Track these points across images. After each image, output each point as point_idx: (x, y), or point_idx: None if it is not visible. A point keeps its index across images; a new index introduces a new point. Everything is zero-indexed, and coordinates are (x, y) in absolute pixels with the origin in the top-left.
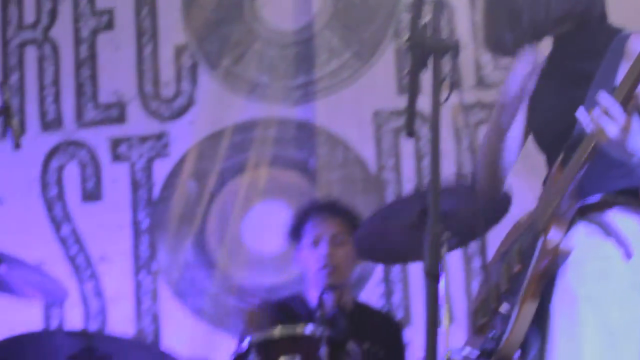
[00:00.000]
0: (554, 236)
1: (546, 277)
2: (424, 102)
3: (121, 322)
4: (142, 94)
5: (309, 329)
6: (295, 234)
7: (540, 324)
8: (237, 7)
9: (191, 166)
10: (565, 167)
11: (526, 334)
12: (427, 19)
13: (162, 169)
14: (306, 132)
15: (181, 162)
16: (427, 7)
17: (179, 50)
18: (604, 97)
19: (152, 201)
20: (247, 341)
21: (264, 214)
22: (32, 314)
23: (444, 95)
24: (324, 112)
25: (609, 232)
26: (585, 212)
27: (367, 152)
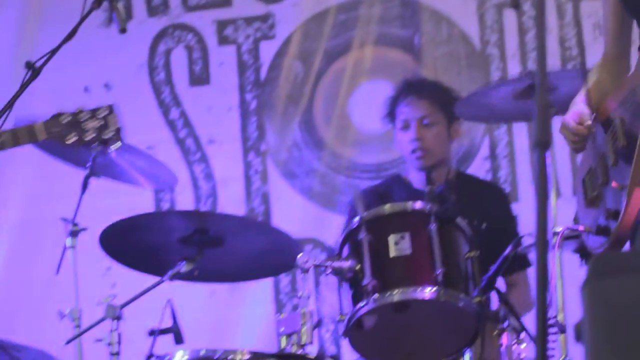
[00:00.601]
0: None
1: None
2: None
3: (231, 204)
4: None
5: (418, 205)
6: (389, 116)
7: None
8: None
9: (297, 47)
10: None
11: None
12: None
13: (268, 50)
14: (410, 9)
15: (287, 42)
16: None
17: None
18: None
19: (259, 82)
20: (357, 218)
21: (370, 93)
22: (144, 198)
23: None
24: None
25: None
26: None
27: (471, 28)
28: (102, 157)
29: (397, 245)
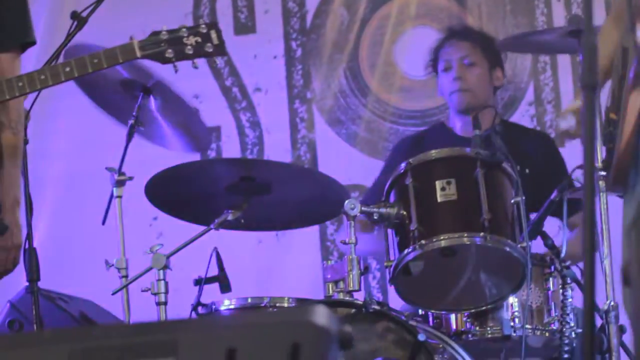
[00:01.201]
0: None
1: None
2: None
3: (277, 152)
4: None
5: (465, 150)
6: (432, 63)
7: None
8: None
9: None
10: None
11: None
12: None
13: None
14: None
15: None
16: None
17: None
18: None
19: (304, 30)
20: (404, 164)
21: (415, 39)
22: None
23: None
24: None
25: None
26: None
27: None
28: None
29: (444, 190)
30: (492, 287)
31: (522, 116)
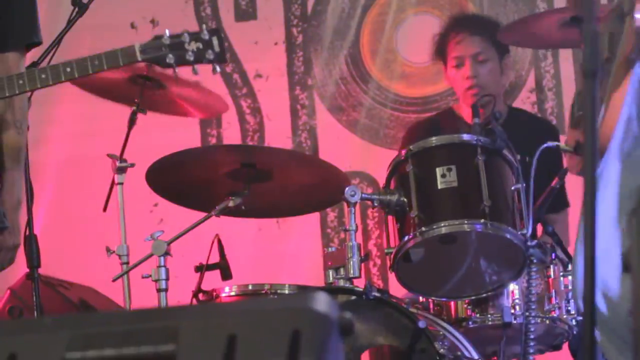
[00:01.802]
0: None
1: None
2: None
3: (278, 138)
4: None
5: (465, 137)
6: (439, 53)
7: None
8: None
9: None
10: None
11: None
12: None
13: None
14: None
15: None
16: None
17: None
18: None
19: (305, 17)
20: (404, 151)
21: (417, 25)
22: (190, 133)
23: None
24: None
25: None
26: None
27: None
28: (149, 93)
29: (444, 177)
30: (492, 274)
31: (523, 103)
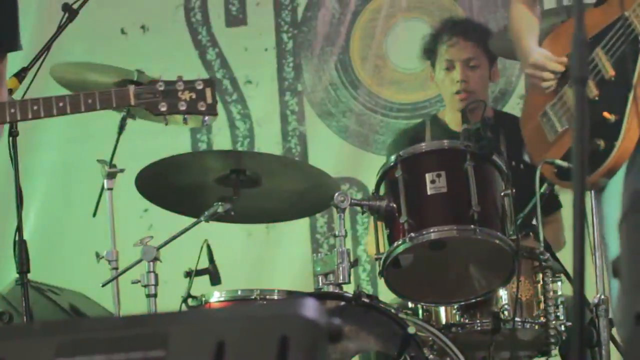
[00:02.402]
0: None
1: None
2: None
3: (268, 144)
4: None
5: (454, 143)
6: (429, 55)
7: None
8: None
9: None
10: None
11: None
12: None
13: None
14: None
15: None
16: None
17: None
18: None
19: (295, 23)
20: (394, 157)
21: (407, 31)
22: (181, 139)
23: None
24: None
25: None
26: None
27: None
28: None
29: (433, 183)
30: (481, 280)
31: (513, 109)
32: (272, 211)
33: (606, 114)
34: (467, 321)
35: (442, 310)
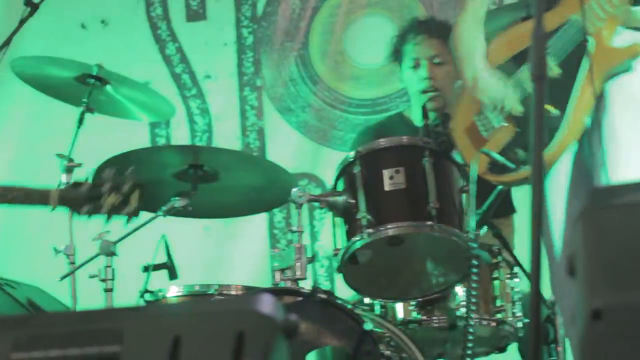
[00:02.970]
0: None
1: None
2: None
3: (227, 139)
4: None
5: (413, 139)
6: (395, 55)
7: None
8: None
9: None
10: None
11: None
12: None
13: None
14: None
15: None
16: None
17: None
18: None
19: (255, 17)
20: (353, 152)
21: (366, 27)
22: (139, 133)
23: None
24: None
25: None
26: None
27: None
28: (98, 93)
29: (392, 179)
30: (439, 276)
31: None
32: (230, 206)
33: (549, 107)
34: (424, 317)
35: (399, 306)
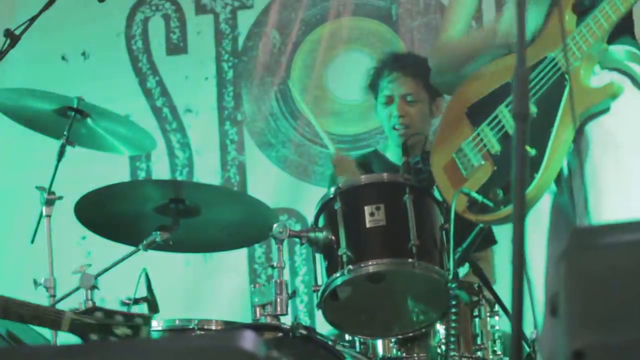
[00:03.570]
0: None
1: None
2: None
3: (207, 173)
4: None
5: (393, 176)
6: (371, 88)
7: None
8: None
9: (275, 16)
10: None
11: None
12: None
13: (246, 20)
14: None
15: (264, 12)
16: None
17: None
18: None
19: (236, 52)
20: (333, 189)
21: (347, 63)
22: (120, 167)
23: None
24: None
25: None
26: None
27: None
28: (78, 126)
29: (372, 216)
30: (419, 314)
31: None
32: (210, 241)
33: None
34: (404, 355)
35: (379, 343)
